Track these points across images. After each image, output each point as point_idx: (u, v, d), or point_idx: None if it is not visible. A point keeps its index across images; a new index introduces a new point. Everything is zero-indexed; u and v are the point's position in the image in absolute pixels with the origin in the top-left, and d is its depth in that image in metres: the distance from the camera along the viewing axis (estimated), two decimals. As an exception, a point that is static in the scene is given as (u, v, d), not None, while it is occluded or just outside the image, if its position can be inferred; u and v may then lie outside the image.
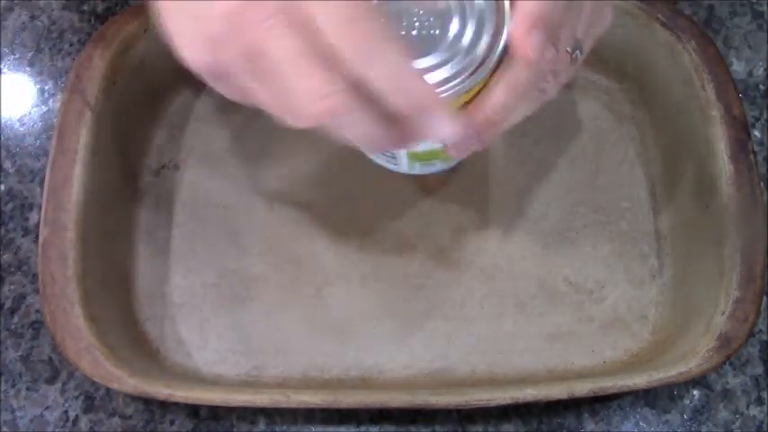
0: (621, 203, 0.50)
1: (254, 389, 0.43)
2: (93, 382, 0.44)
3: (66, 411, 0.46)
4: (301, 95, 0.28)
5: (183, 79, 0.51)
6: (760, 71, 0.54)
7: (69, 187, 0.43)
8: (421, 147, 0.40)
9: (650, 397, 0.46)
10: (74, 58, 0.46)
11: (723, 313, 0.42)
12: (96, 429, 0.45)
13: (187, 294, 0.48)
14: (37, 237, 0.43)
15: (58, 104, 0.52)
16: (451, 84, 0.32)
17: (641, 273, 0.48)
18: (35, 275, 0.46)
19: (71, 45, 0.53)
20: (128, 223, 0.48)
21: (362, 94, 0.28)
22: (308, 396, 0.41)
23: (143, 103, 0.50)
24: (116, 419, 0.46)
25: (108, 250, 0.46)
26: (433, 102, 0.29)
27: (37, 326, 0.47)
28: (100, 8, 0.55)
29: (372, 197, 0.49)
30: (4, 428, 0.45)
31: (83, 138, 0.44)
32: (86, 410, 0.46)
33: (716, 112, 0.45)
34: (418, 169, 0.45)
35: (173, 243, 0.49)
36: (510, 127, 0.35)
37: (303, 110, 0.29)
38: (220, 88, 0.32)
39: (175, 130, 0.51)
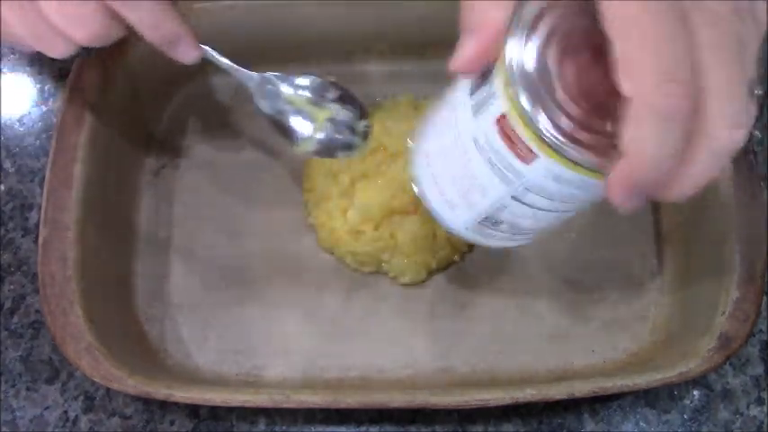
0: (621, 203, 0.50)
1: (254, 389, 0.43)
2: (93, 382, 0.44)
3: (66, 411, 0.46)
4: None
5: (182, 79, 0.51)
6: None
7: (69, 187, 0.43)
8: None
9: (650, 397, 0.46)
10: (74, 58, 0.46)
11: (723, 313, 0.42)
12: (96, 429, 0.45)
13: (187, 294, 0.48)
14: (37, 237, 0.43)
15: (57, 104, 0.52)
16: None
17: (641, 273, 0.48)
18: (35, 275, 0.46)
19: (71, 45, 0.53)
20: (128, 223, 0.48)
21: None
22: (307, 396, 0.41)
23: (143, 103, 0.50)
24: (116, 419, 0.46)
25: (108, 250, 0.46)
26: (180, 35, 0.38)
27: (37, 326, 0.47)
28: (100, 8, 0.55)
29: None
30: (4, 428, 0.45)
31: (82, 137, 0.44)
32: (86, 410, 0.46)
33: (716, 112, 0.45)
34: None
35: (173, 243, 0.49)
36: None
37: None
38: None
39: (175, 130, 0.51)
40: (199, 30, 0.40)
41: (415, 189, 0.36)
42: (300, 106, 0.44)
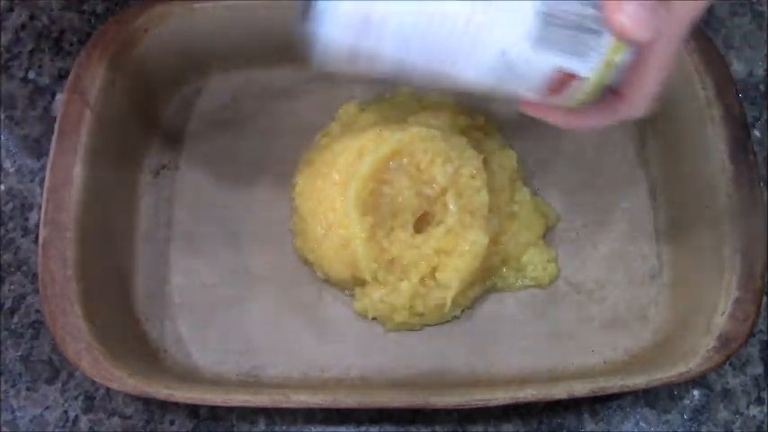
0: (621, 203, 0.50)
1: (254, 389, 0.43)
2: (93, 382, 0.44)
3: (66, 411, 0.46)
4: None
5: (182, 79, 0.51)
6: (760, 71, 0.54)
7: (69, 187, 0.43)
8: None
9: (650, 397, 0.46)
10: (74, 58, 0.46)
11: (723, 313, 0.42)
12: (96, 429, 0.45)
13: (187, 294, 0.48)
14: (37, 237, 0.43)
15: (57, 104, 0.52)
16: None
17: (641, 273, 0.48)
18: (35, 275, 0.46)
19: (71, 45, 0.53)
20: (128, 223, 0.48)
21: None
22: (307, 396, 0.41)
23: (143, 103, 0.50)
24: (116, 419, 0.46)
25: (108, 250, 0.46)
26: None
27: (37, 326, 0.47)
28: (100, 8, 0.55)
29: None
30: (4, 428, 0.45)
31: (83, 138, 0.44)
32: (86, 410, 0.46)
33: (716, 112, 0.45)
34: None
35: (173, 243, 0.49)
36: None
37: None
38: None
39: (175, 130, 0.51)
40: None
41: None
42: None
